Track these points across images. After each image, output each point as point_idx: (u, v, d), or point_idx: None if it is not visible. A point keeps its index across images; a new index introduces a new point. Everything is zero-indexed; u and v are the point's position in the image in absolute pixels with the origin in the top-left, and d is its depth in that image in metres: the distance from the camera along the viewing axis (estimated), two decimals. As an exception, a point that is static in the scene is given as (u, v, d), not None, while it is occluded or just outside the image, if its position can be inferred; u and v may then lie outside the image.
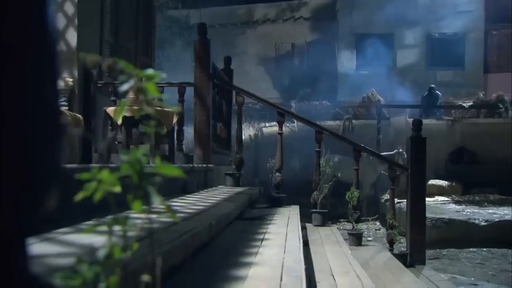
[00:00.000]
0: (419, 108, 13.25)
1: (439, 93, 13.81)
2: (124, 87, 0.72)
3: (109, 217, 0.71)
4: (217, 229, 2.89)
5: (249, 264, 2.47)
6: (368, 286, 2.97)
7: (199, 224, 2.39)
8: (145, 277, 0.68)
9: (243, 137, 10.98)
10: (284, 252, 2.83)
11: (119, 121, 4.92)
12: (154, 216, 2.36)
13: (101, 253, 0.67)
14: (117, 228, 0.71)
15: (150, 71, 0.76)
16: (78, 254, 1.33)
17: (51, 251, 1.47)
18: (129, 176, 0.69)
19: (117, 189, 0.69)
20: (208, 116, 5.23)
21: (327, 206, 9.97)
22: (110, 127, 5.43)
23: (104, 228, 0.71)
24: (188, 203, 3.31)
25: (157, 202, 0.66)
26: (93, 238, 1.62)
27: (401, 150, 10.83)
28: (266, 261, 2.56)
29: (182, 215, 2.65)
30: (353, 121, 12.66)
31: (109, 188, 0.68)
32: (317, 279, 3.08)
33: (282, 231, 3.60)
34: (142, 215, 0.74)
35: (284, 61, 17.14)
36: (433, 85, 13.90)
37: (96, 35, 6.64)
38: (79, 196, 0.68)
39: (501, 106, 12.39)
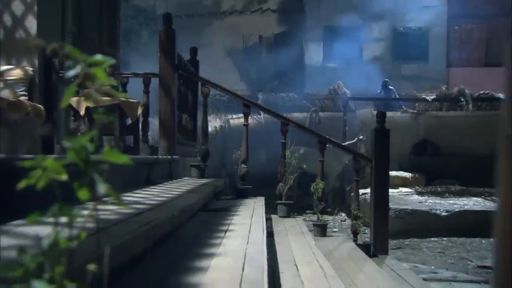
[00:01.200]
0: (380, 101, 13.43)
1: (392, 87, 14.05)
2: (71, 73, 0.70)
3: (75, 208, 0.69)
4: (180, 220, 2.87)
5: (212, 255, 2.46)
6: (330, 275, 3.00)
7: (161, 215, 2.37)
8: (92, 267, 0.67)
9: (210, 128, 10.95)
10: (248, 243, 2.83)
11: (82, 112, 4.83)
12: (115, 207, 2.31)
13: (46, 243, 0.65)
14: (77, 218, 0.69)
15: (98, 57, 0.74)
16: (29, 246, 1.30)
17: (2, 243, 1.43)
18: (75, 164, 0.67)
19: (63, 177, 0.67)
20: (173, 107, 5.18)
21: (293, 198, 10.05)
22: (73, 118, 5.32)
23: (63, 219, 0.69)
24: (152, 195, 3.28)
25: (103, 190, 0.65)
26: (49, 229, 1.58)
27: (361, 137, 10.99)
28: (229, 252, 2.56)
29: (144, 206, 2.62)
30: (320, 113, 12.76)
31: (54, 176, 0.66)
32: (280, 270, 3.10)
33: (247, 222, 3.60)
34: (109, 206, 0.73)
35: (252, 53, 17.12)
36: (386, 79, 14.13)
37: (58, 24, 6.46)
38: (22, 184, 0.66)
39: (462, 99, 12.69)
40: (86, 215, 0.72)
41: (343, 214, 10.71)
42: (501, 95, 12.91)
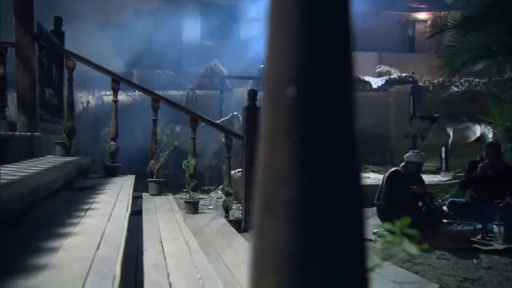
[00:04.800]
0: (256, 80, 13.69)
1: None
2: None
3: None
4: (34, 200, 2.70)
5: (67, 235, 2.36)
6: (194, 251, 3.02)
7: (7, 194, 2.20)
8: None
9: (83, 105, 10.41)
10: (108, 221, 2.75)
11: None
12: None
13: None
14: None
15: None
16: None
17: None
18: None
19: None
20: (34, 80, 4.81)
21: (170, 176, 9.94)
22: None
23: None
24: (2, 173, 3.04)
25: None
26: None
27: (236, 113, 11.17)
28: (87, 231, 2.47)
29: (-11, 185, 2.42)
30: (197, 91, 12.72)
31: None
32: (144, 247, 3.06)
33: (111, 201, 3.50)
34: None
35: (128, 27, 16.45)
36: None
37: None
38: None
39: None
40: None
41: (219, 192, 10.84)
42: (367, 78, 13.85)
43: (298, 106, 0.67)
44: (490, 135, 10.40)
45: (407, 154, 6.45)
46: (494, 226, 5.47)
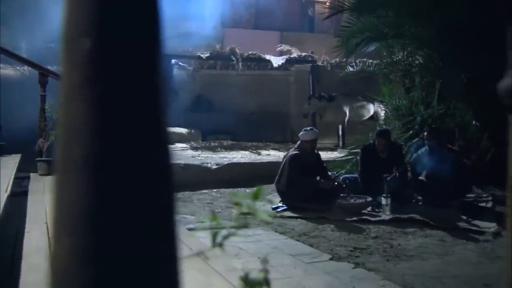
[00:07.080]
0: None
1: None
2: None
3: None
4: None
5: None
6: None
7: None
8: None
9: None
10: (-18, 203, 2.55)
11: None
12: None
13: None
14: None
15: None
16: None
17: None
18: None
19: None
20: None
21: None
22: None
23: None
24: None
25: None
26: None
27: None
28: (-45, 214, 2.26)
29: None
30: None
31: None
32: (27, 229, 2.87)
33: (-11, 181, 3.26)
34: None
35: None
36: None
37: None
38: None
39: (233, 58, 13.40)
40: None
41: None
42: (268, 57, 14.01)
43: (93, 59, 0.63)
44: (382, 113, 10.98)
45: (301, 133, 6.55)
46: (383, 198, 5.81)
